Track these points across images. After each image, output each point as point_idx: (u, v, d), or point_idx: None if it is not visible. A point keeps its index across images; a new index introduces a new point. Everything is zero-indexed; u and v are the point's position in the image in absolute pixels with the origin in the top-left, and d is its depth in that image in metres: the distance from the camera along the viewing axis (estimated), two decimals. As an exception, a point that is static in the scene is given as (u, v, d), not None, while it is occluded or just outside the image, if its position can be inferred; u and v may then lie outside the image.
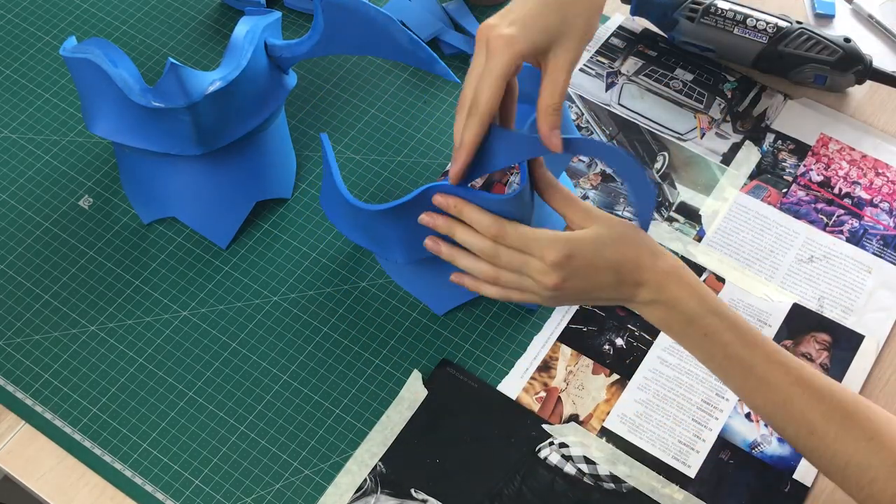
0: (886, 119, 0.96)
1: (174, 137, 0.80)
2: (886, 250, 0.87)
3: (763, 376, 0.67)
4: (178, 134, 0.80)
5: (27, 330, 0.82)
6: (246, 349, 0.81)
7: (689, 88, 0.97)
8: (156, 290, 0.84)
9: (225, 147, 0.83)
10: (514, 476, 0.75)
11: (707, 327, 0.68)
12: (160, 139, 0.80)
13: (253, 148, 0.86)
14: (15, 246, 0.87)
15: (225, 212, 0.86)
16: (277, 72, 0.84)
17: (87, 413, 0.78)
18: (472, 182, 0.79)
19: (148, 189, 0.87)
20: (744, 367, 0.68)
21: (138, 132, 0.80)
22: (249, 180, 0.87)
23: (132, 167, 0.87)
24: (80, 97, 0.82)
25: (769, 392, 0.67)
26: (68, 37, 0.86)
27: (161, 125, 0.79)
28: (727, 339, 0.68)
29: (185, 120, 0.78)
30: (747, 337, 0.68)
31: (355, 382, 0.80)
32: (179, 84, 0.76)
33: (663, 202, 0.90)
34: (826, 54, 0.93)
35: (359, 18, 0.79)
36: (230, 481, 0.75)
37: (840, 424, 0.65)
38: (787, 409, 0.66)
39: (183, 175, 0.85)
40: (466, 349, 0.82)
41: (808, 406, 0.66)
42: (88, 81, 0.79)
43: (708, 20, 0.95)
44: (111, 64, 0.78)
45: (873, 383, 0.81)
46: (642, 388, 0.80)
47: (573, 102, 0.96)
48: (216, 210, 0.86)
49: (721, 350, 0.68)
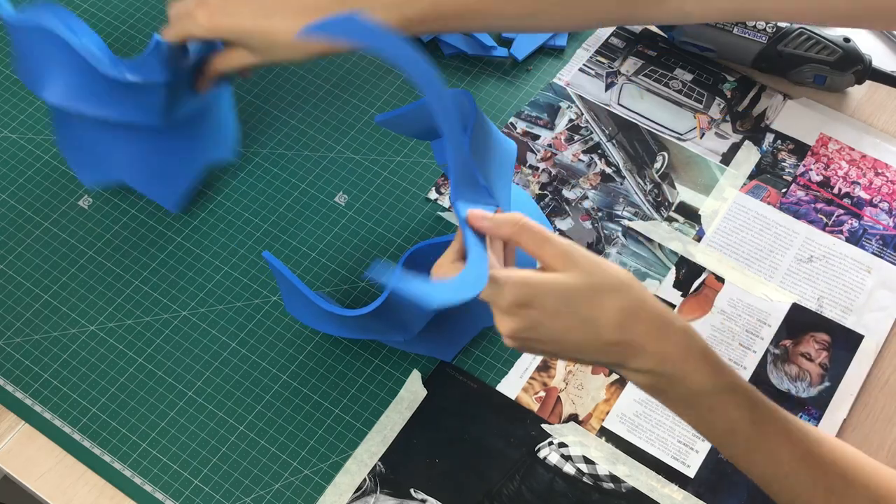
0: (886, 119, 0.96)
1: (142, 109, 0.80)
2: (886, 250, 0.87)
3: (767, 452, 0.60)
4: (148, 106, 0.79)
5: (27, 330, 0.82)
6: (246, 349, 0.82)
7: (689, 88, 0.97)
8: (156, 290, 0.84)
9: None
10: (513, 476, 0.76)
11: (714, 405, 0.60)
12: (126, 110, 0.80)
13: (198, 114, 0.86)
14: (15, 246, 0.87)
15: (173, 176, 0.86)
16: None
17: (86, 413, 0.78)
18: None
19: (92, 153, 0.86)
20: (748, 443, 0.60)
21: (101, 102, 0.79)
22: (195, 144, 0.87)
23: (74, 132, 0.85)
24: (21, 59, 0.80)
25: (769, 466, 0.60)
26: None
27: (130, 97, 0.79)
28: (734, 416, 0.60)
29: (160, 95, 0.78)
30: (756, 415, 0.60)
31: (355, 382, 0.80)
32: (163, 62, 0.76)
33: (663, 202, 0.90)
34: (825, 54, 0.93)
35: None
36: (230, 481, 0.75)
37: (842, 494, 0.60)
38: (787, 483, 0.61)
39: (133, 142, 0.84)
40: (466, 349, 0.82)
41: (810, 481, 0.60)
42: (40, 49, 0.77)
43: (707, 20, 0.95)
44: (72, 34, 0.77)
45: (872, 383, 0.81)
46: (642, 387, 0.80)
47: (573, 102, 0.96)
48: (164, 175, 0.86)
49: (724, 425, 0.60)
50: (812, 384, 0.80)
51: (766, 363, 0.81)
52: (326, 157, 0.93)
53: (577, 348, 0.59)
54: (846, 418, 0.79)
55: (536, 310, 0.58)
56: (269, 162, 0.92)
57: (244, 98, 0.96)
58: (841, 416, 0.79)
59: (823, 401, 0.79)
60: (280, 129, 0.95)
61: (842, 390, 0.80)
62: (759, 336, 0.82)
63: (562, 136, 0.94)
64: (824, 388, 0.80)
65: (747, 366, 0.81)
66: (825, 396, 0.79)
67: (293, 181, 0.91)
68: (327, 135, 0.94)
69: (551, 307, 0.57)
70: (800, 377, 0.80)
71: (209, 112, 0.87)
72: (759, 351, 0.82)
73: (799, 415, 0.78)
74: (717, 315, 0.83)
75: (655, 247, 0.87)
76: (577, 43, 1.01)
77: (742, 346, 0.82)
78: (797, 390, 0.80)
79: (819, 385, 0.80)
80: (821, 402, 0.79)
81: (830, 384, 0.80)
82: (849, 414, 0.79)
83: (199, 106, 0.84)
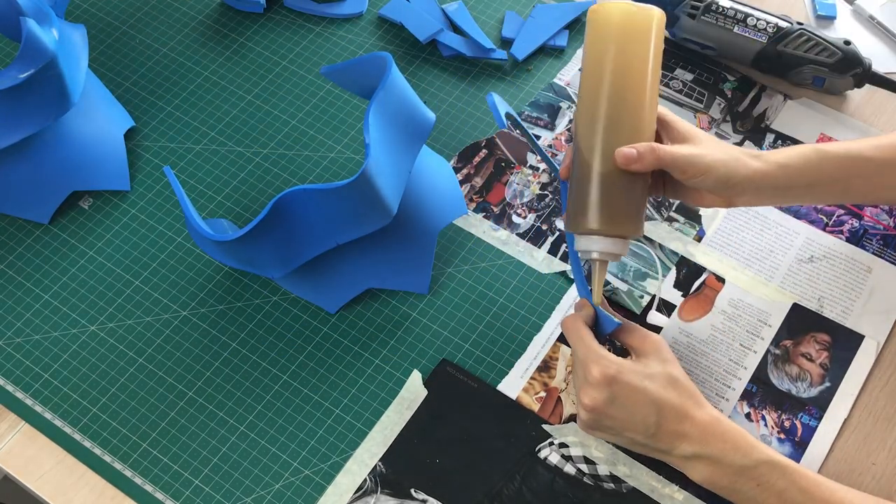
0: (886, 120, 0.96)
1: (45, 105, 0.80)
2: (886, 250, 0.87)
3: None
4: (48, 96, 0.80)
5: (27, 330, 0.82)
6: (246, 349, 0.81)
7: (689, 88, 0.97)
8: (156, 290, 0.84)
9: (39, 133, 0.84)
10: (513, 476, 0.75)
11: (760, 477, 0.67)
12: (31, 118, 0.81)
13: (63, 136, 0.86)
14: (15, 246, 0.87)
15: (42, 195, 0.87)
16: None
17: (87, 413, 0.78)
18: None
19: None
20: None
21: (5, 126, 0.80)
22: (65, 166, 0.87)
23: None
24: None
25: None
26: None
27: (28, 101, 0.79)
28: (781, 486, 0.67)
29: (55, 73, 0.79)
30: (802, 482, 0.67)
31: (355, 382, 0.80)
32: (38, 37, 0.77)
33: (663, 202, 0.90)
34: (825, 56, 0.93)
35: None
36: (230, 481, 0.75)
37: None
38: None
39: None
40: (466, 349, 0.82)
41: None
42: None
43: (709, 18, 0.95)
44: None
45: (873, 383, 0.81)
46: (642, 388, 0.80)
47: (574, 102, 0.96)
48: (31, 193, 0.87)
49: (776, 498, 0.67)
50: (812, 384, 0.80)
51: (766, 363, 0.81)
52: (327, 157, 0.93)
53: (639, 426, 0.69)
54: (847, 418, 0.79)
55: (621, 385, 0.69)
56: (269, 162, 0.92)
57: (244, 98, 0.96)
58: (841, 416, 0.79)
59: (824, 401, 0.79)
60: (280, 129, 0.95)
61: (842, 390, 0.80)
62: (759, 336, 0.82)
63: (562, 136, 0.94)
64: (825, 388, 0.80)
65: (748, 366, 0.81)
66: (826, 396, 0.79)
67: (293, 181, 0.91)
68: (327, 135, 0.94)
69: (635, 383, 0.69)
70: (800, 377, 0.80)
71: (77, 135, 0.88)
72: (760, 351, 0.82)
73: (799, 415, 0.78)
74: (717, 315, 0.83)
75: (656, 247, 0.87)
76: (577, 43, 1.01)
77: (742, 346, 0.82)
78: (798, 390, 0.80)
79: (819, 385, 0.80)
80: (821, 402, 0.79)
81: (831, 384, 0.80)
82: (849, 414, 0.79)
83: (66, 126, 0.86)
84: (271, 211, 0.73)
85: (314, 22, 1.03)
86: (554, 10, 1.02)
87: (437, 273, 0.86)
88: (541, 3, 1.04)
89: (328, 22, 1.03)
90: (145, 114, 0.95)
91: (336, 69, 0.83)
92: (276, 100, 0.97)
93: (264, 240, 0.75)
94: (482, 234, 0.88)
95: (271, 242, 0.76)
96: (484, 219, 0.89)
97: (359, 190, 0.72)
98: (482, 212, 0.89)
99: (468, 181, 0.91)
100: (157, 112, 0.95)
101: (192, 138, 0.94)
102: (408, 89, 0.79)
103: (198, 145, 0.93)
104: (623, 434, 0.71)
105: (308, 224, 0.75)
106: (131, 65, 0.99)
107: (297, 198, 0.73)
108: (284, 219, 0.74)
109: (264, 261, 0.78)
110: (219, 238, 0.75)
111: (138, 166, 0.92)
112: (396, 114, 0.76)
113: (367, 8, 1.04)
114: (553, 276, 0.86)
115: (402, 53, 1.00)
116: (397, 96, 0.77)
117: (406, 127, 0.78)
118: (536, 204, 0.89)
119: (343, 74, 0.84)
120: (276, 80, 0.98)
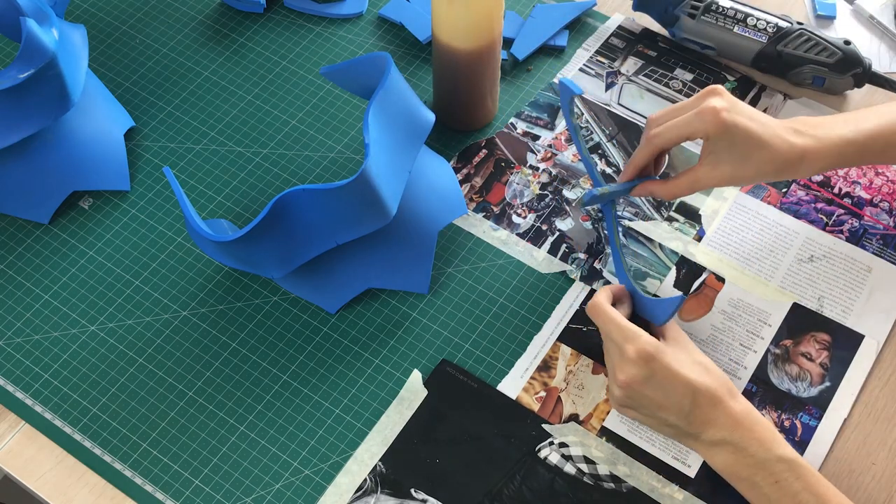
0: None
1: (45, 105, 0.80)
2: (886, 250, 0.87)
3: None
4: (48, 96, 0.80)
5: (27, 330, 0.82)
6: (246, 349, 0.81)
7: (689, 88, 0.97)
8: (156, 290, 0.84)
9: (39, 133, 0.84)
10: (513, 476, 0.76)
11: (778, 474, 0.68)
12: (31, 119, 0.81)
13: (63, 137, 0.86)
14: (15, 246, 0.87)
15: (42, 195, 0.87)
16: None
17: (87, 413, 0.78)
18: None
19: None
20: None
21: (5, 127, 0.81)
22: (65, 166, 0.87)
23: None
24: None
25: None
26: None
27: (28, 101, 0.79)
28: (797, 488, 0.67)
29: (55, 72, 0.79)
30: (819, 488, 0.67)
31: (355, 382, 0.80)
32: (37, 37, 0.77)
33: (663, 202, 0.90)
34: (825, 56, 0.93)
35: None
36: (230, 481, 0.75)
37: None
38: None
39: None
40: (466, 349, 0.82)
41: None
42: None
43: (709, 18, 0.95)
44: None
45: (873, 383, 0.81)
46: (642, 387, 0.80)
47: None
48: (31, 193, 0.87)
49: (791, 499, 0.67)
50: (812, 384, 0.80)
51: (766, 363, 0.81)
52: (327, 157, 0.93)
53: (672, 407, 0.70)
54: (847, 418, 0.79)
55: (659, 363, 0.69)
56: (269, 162, 0.92)
57: (244, 98, 0.96)
58: (841, 415, 0.79)
59: (824, 401, 0.79)
60: (280, 129, 0.95)
61: (842, 390, 0.80)
62: (759, 336, 0.82)
63: (562, 136, 0.94)
64: (825, 387, 0.80)
65: (748, 365, 0.81)
66: (826, 396, 0.79)
67: (293, 181, 0.91)
68: (327, 135, 0.94)
69: (673, 365, 0.69)
70: (800, 377, 0.80)
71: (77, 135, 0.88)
72: (760, 351, 0.82)
73: (799, 415, 0.78)
74: (717, 315, 0.83)
75: (656, 247, 0.87)
76: (577, 43, 1.01)
77: (742, 345, 0.82)
78: (798, 390, 0.80)
79: (820, 385, 0.80)
80: (821, 401, 0.79)
81: (831, 384, 0.80)
82: (849, 414, 0.79)
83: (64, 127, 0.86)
84: (271, 211, 0.73)
85: (314, 22, 1.03)
86: (554, 10, 1.02)
87: (437, 273, 0.86)
88: (541, 3, 1.04)
89: (328, 22, 1.03)
90: (145, 114, 0.95)
91: (336, 69, 0.83)
92: (276, 100, 0.97)
93: (264, 240, 0.75)
94: (482, 233, 0.88)
95: (271, 242, 0.76)
96: (484, 219, 0.89)
97: (358, 190, 0.72)
98: (482, 212, 0.89)
99: (468, 181, 0.91)
100: (157, 112, 0.96)
101: (192, 138, 0.94)
102: (407, 89, 0.79)
103: (198, 145, 0.93)
104: (656, 415, 0.72)
105: (308, 224, 0.75)
106: (131, 65, 0.99)
107: (297, 198, 0.73)
108: (284, 219, 0.74)
109: (264, 261, 0.78)
110: (219, 238, 0.75)
111: (138, 166, 0.92)
112: (396, 114, 0.76)
113: (367, 8, 1.04)
114: (553, 276, 0.86)
115: (402, 53, 1.00)
116: (397, 96, 0.77)
117: (406, 127, 0.78)
118: (536, 204, 0.89)
119: (343, 74, 0.84)
120: (276, 80, 0.98)
